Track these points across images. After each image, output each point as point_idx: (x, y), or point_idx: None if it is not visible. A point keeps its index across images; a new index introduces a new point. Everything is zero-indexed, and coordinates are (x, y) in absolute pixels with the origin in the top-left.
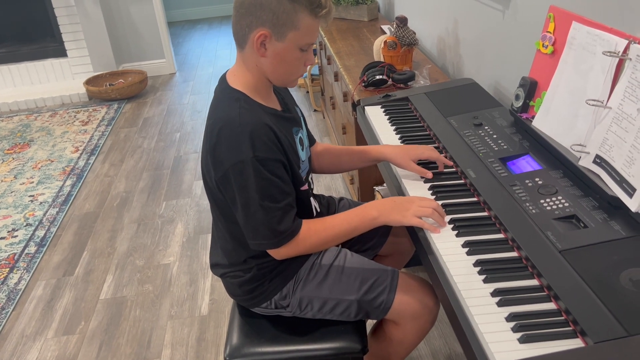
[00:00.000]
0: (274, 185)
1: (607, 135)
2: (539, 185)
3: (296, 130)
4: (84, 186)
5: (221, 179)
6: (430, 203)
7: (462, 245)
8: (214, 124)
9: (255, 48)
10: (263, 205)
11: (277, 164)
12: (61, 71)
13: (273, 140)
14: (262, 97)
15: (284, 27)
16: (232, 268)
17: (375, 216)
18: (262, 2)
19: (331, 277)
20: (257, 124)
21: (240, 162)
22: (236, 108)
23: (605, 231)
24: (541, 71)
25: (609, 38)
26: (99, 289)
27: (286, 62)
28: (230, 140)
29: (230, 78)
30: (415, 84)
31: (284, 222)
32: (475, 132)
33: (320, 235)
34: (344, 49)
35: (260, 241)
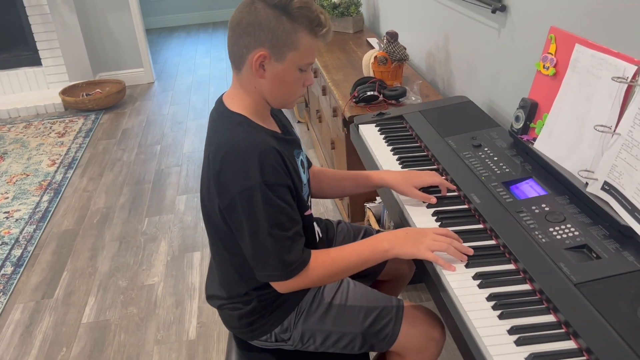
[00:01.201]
0: (283, 212)
1: (617, 162)
2: (546, 212)
3: (297, 153)
4: (62, 202)
5: (228, 207)
6: (445, 236)
7: (472, 277)
8: (217, 149)
9: (254, 69)
10: (272, 234)
11: (285, 190)
12: (35, 80)
13: (280, 164)
14: (263, 119)
15: (284, 47)
16: (231, 300)
17: (386, 248)
18: (261, 22)
19: (334, 309)
20: (264, 147)
21: (249, 189)
22: (240, 132)
23: (619, 262)
24: (542, 93)
25: (617, 63)
26: (81, 312)
27: (285, 83)
28: (237, 165)
29: (228, 101)
30: (407, 100)
31: (294, 252)
32: (475, 154)
33: (327, 267)
34: (331, 62)
35: (269, 272)
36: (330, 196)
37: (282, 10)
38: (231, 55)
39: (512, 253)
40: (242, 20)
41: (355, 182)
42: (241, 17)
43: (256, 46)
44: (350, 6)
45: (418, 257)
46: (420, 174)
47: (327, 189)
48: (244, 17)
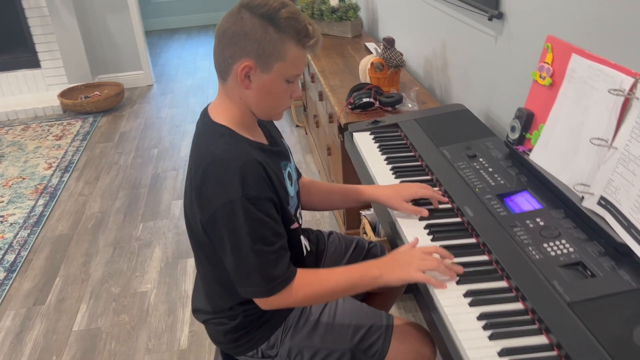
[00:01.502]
0: (267, 226)
1: (613, 176)
2: (540, 226)
3: (284, 164)
4: (57, 206)
5: (209, 221)
6: (434, 253)
7: (463, 295)
8: (199, 162)
9: (239, 80)
10: (255, 249)
11: (269, 203)
12: (34, 83)
13: (264, 177)
14: (248, 131)
15: (270, 58)
16: (216, 315)
17: (376, 275)
18: (247, 32)
19: (322, 325)
20: (246, 159)
21: (230, 202)
22: (222, 144)
23: (614, 281)
24: (538, 103)
25: (614, 74)
26: (72, 319)
27: (271, 94)
28: (218, 178)
29: (213, 112)
30: (403, 107)
31: (279, 267)
32: (470, 165)
33: (314, 288)
34: (329, 68)
35: (251, 288)
36: (320, 209)
37: (269, 20)
38: (217, 65)
39: (504, 270)
40: (228, 30)
41: (346, 197)
42: (227, 27)
43: (242, 56)
44: (348, 10)
45: (409, 281)
46: (411, 187)
47: (317, 201)
48: (230, 27)
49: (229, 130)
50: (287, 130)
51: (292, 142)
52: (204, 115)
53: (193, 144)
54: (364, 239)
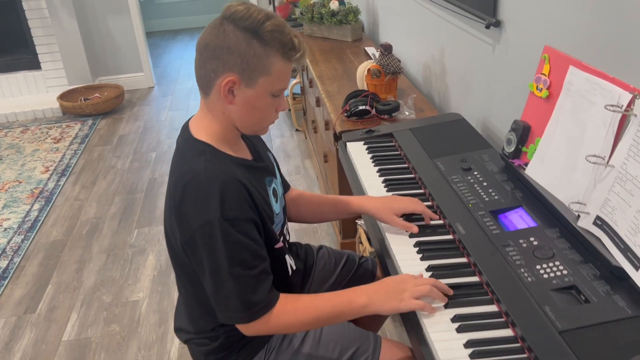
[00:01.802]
0: (247, 249)
1: (609, 196)
2: (534, 246)
3: (269, 181)
4: (52, 211)
5: (188, 243)
6: (425, 279)
7: (451, 320)
8: (178, 180)
9: (223, 95)
10: (233, 273)
11: (249, 225)
12: (35, 84)
13: (245, 197)
14: (231, 146)
15: (254, 72)
16: (197, 335)
17: (364, 304)
18: (230, 45)
19: (307, 346)
20: (226, 179)
21: (208, 223)
22: (201, 162)
23: (609, 308)
24: (535, 115)
25: (611, 89)
26: (62, 328)
27: (256, 109)
28: (197, 198)
29: (194, 128)
30: (400, 114)
31: (259, 292)
32: (464, 178)
33: (297, 315)
34: (327, 73)
35: (230, 314)
36: (309, 221)
37: (253, 33)
38: (198, 79)
39: (495, 292)
40: (210, 43)
41: (335, 208)
42: (209, 40)
43: (225, 71)
44: (349, 14)
45: (403, 310)
46: (402, 200)
47: (306, 214)
48: (212, 40)
49: (210, 148)
50: (287, 134)
51: (291, 147)
52: (184, 130)
53: (173, 160)
54: (355, 253)
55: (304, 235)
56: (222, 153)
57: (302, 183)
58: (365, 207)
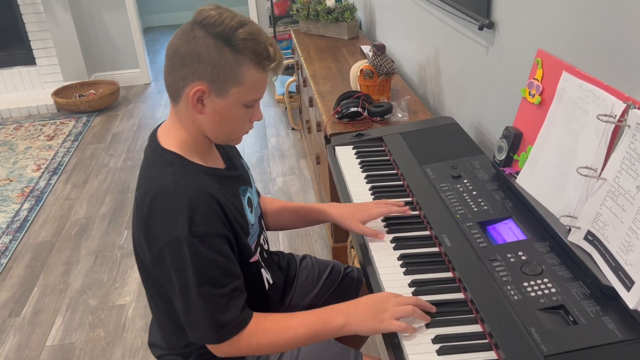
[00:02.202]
0: (217, 266)
1: (601, 210)
2: (522, 261)
3: (243, 190)
4: (42, 210)
5: (156, 259)
6: (407, 298)
7: (433, 341)
8: (145, 193)
9: (191, 105)
10: (201, 292)
11: (220, 240)
12: (30, 80)
13: (216, 212)
14: (201, 156)
15: (226, 82)
16: (170, 351)
17: (341, 324)
18: (200, 53)
19: None
20: (196, 193)
21: (175, 240)
22: (169, 174)
23: (598, 331)
24: (527, 122)
25: (605, 97)
26: (46, 333)
27: (228, 120)
28: (165, 213)
29: (162, 136)
30: (393, 117)
31: (229, 312)
32: (453, 186)
33: (269, 336)
34: (321, 72)
35: (200, 334)
36: (273, 229)
37: (225, 41)
38: (167, 87)
39: (479, 311)
40: (180, 49)
41: (298, 216)
42: (179, 45)
43: (194, 79)
44: (345, 11)
45: (383, 331)
46: (368, 206)
47: (270, 221)
48: (182, 46)
49: (179, 159)
50: (283, 134)
51: (286, 146)
52: (152, 139)
53: (140, 172)
54: (339, 263)
55: (296, 238)
56: (192, 164)
57: (296, 184)
58: (329, 215)
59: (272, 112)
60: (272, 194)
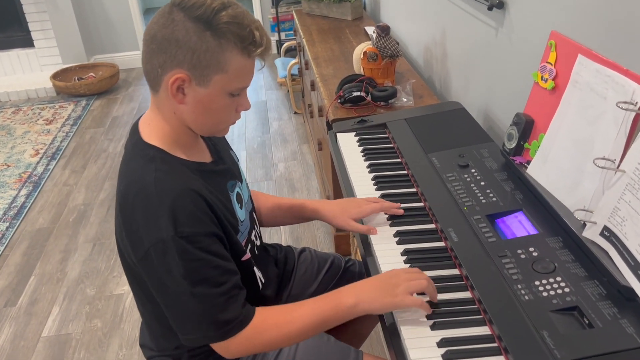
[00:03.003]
0: (210, 265)
1: (619, 204)
2: (533, 258)
3: (232, 185)
4: (40, 196)
5: (142, 261)
6: (420, 274)
7: (437, 344)
8: (126, 191)
9: (171, 94)
10: (195, 293)
11: (210, 239)
12: (28, 63)
13: (202, 209)
14: (185, 149)
15: (207, 69)
16: (160, 353)
17: (352, 304)
18: (179, 38)
19: None
20: (178, 191)
21: (161, 242)
22: (151, 171)
23: (615, 335)
24: (539, 108)
25: (624, 83)
26: (43, 323)
27: (211, 110)
28: (147, 213)
29: (144, 129)
30: (397, 101)
31: (230, 310)
32: (461, 176)
33: (282, 329)
34: (323, 54)
35: (198, 335)
36: (267, 226)
37: (206, 24)
38: (145, 74)
39: (487, 311)
40: (157, 34)
41: (289, 212)
42: (156, 30)
43: (173, 67)
44: None
45: (398, 306)
46: (360, 203)
47: (263, 218)
48: (159, 31)
49: (161, 153)
50: (285, 117)
51: (289, 130)
52: (133, 132)
53: (121, 167)
54: (340, 256)
55: (298, 226)
56: (175, 159)
57: (298, 170)
58: (320, 212)
59: (274, 96)
60: (274, 180)
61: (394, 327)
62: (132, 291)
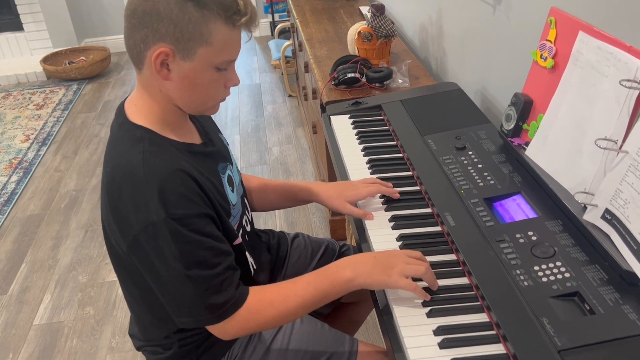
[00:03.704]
0: (204, 247)
1: (622, 186)
2: (532, 242)
3: (223, 167)
4: (30, 182)
5: (132, 246)
6: (420, 259)
7: (434, 332)
8: (112, 174)
9: (155, 70)
10: (191, 276)
11: (204, 220)
12: (18, 47)
13: (193, 190)
14: (174, 129)
15: (191, 42)
16: (149, 342)
17: (350, 277)
18: (160, 10)
19: (274, 355)
20: (168, 172)
21: (151, 225)
22: (138, 152)
23: (617, 321)
24: (538, 88)
25: (627, 60)
26: (34, 311)
27: (198, 86)
28: (135, 196)
29: (130, 109)
30: (393, 83)
31: (224, 292)
32: (457, 159)
33: (278, 307)
34: (317, 35)
35: (194, 318)
36: (258, 209)
37: None
38: (128, 51)
39: (485, 298)
40: (138, 9)
41: (283, 195)
42: (137, 4)
43: (155, 41)
44: None
45: (390, 286)
46: (356, 185)
47: (254, 200)
48: (140, 4)
49: (149, 133)
50: (280, 101)
51: (283, 114)
52: (119, 113)
53: (107, 149)
54: (334, 241)
55: (293, 211)
56: (164, 139)
57: (293, 154)
58: (315, 195)
59: (268, 78)
60: (268, 165)
61: (390, 315)
62: (119, 280)
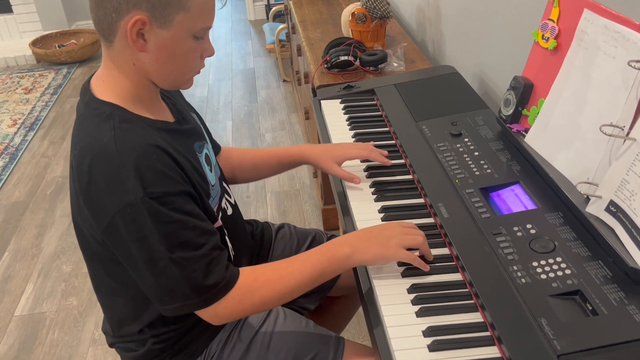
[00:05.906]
0: (186, 226)
1: (628, 176)
2: (531, 235)
3: (199, 146)
4: (16, 169)
5: (107, 231)
6: (415, 229)
7: (423, 332)
8: (81, 156)
9: (131, 41)
10: (174, 259)
11: (184, 198)
12: (7, 29)
13: (171, 167)
14: (147, 107)
15: (168, 7)
16: (122, 339)
17: (348, 254)
18: None
19: (254, 354)
20: (143, 148)
21: (129, 206)
22: (109, 129)
23: (622, 323)
24: (539, 71)
25: (637, 39)
26: (16, 302)
27: (176, 56)
28: (109, 176)
29: (97, 86)
30: (388, 66)
31: (214, 273)
32: (452, 146)
33: (273, 286)
34: (310, 17)
35: (180, 304)
36: (243, 180)
37: None
38: (97, 23)
39: (479, 295)
40: None
41: (270, 161)
42: None
43: (130, 9)
44: None
45: (389, 259)
46: (345, 146)
47: (238, 172)
48: None
49: (119, 109)
50: (274, 85)
51: (277, 99)
52: (84, 91)
53: (73, 132)
54: (322, 232)
55: (285, 199)
56: (136, 116)
57: (286, 140)
58: (304, 156)
59: (262, 63)
60: None
61: (377, 314)
62: (90, 274)
